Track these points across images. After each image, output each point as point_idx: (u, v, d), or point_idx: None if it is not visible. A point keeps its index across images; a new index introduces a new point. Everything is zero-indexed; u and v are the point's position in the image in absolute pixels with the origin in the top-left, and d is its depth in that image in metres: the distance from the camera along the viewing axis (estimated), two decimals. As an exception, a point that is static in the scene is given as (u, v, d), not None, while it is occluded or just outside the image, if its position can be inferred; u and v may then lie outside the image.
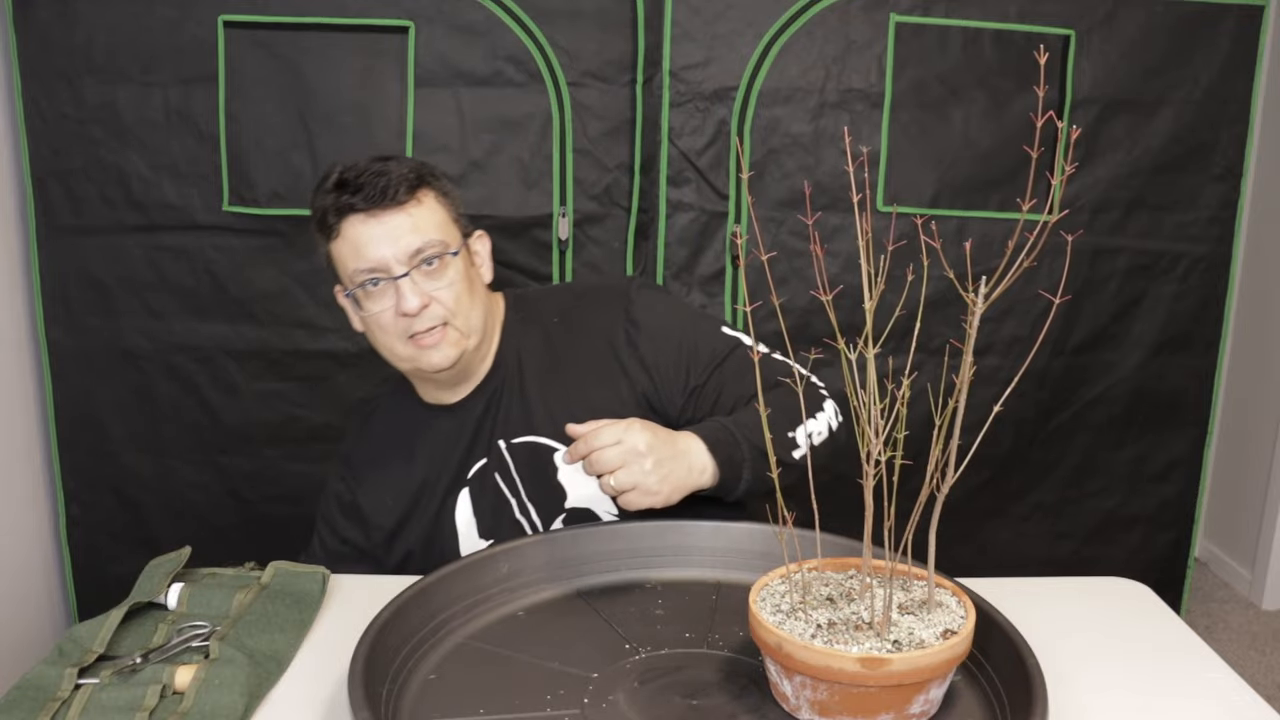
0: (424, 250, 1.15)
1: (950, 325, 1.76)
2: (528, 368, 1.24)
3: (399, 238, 1.14)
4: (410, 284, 1.14)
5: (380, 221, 1.14)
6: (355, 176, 1.14)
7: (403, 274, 1.14)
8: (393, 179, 1.14)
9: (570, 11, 1.75)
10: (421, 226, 1.15)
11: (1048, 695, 0.80)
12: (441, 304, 1.16)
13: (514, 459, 1.22)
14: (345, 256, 1.16)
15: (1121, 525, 2.06)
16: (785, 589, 0.88)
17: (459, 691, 0.88)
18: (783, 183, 1.81)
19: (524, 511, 1.23)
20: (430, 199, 1.17)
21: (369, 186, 1.13)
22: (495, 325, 1.26)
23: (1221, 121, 1.89)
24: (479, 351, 1.23)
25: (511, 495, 1.23)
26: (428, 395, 1.28)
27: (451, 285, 1.17)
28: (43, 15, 1.72)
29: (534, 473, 1.23)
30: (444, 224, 1.18)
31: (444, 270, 1.16)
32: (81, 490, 1.89)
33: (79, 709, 0.89)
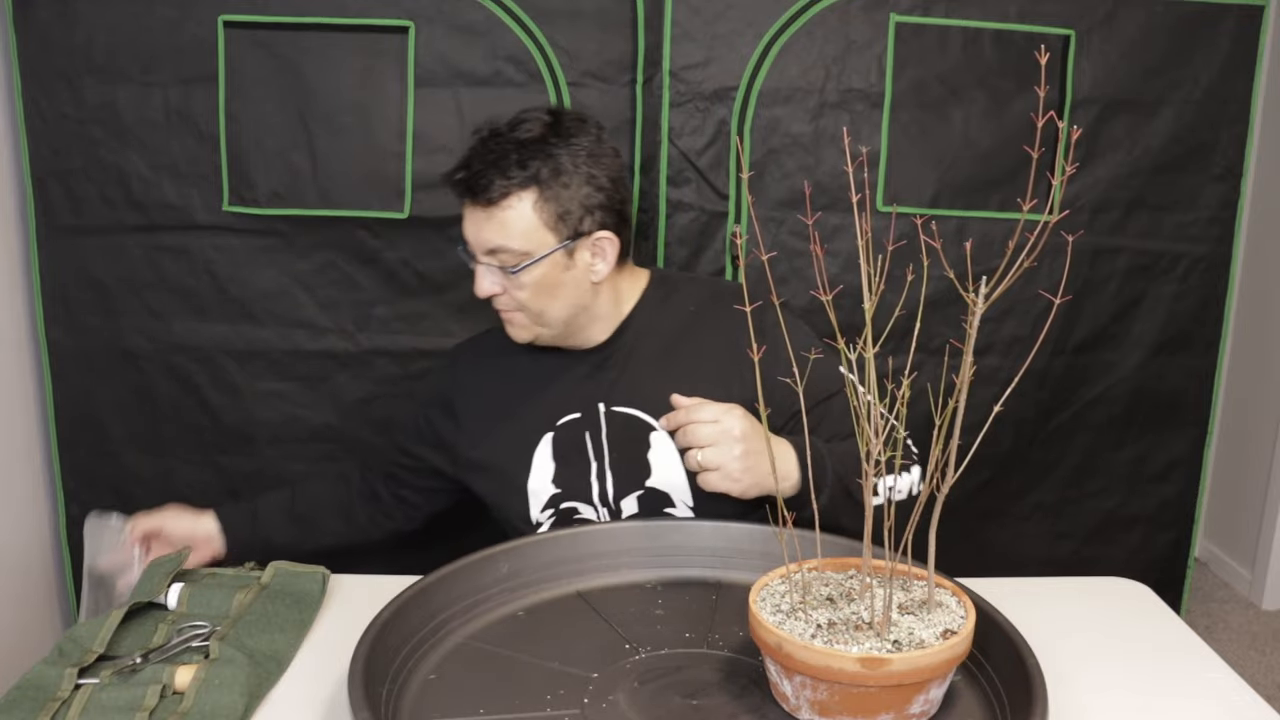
0: (499, 253, 1.18)
1: (950, 325, 1.76)
2: (648, 345, 1.27)
3: (480, 231, 1.19)
4: (483, 271, 1.20)
5: (473, 211, 1.19)
6: (470, 164, 1.18)
7: (481, 262, 1.20)
8: (494, 177, 1.16)
9: (570, 11, 1.75)
10: (506, 230, 1.17)
11: (1048, 695, 0.80)
12: (514, 299, 1.20)
13: (609, 425, 1.24)
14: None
15: (1121, 525, 2.06)
16: (785, 589, 0.88)
17: (459, 691, 0.88)
18: (783, 183, 1.81)
19: (601, 477, 1.25)
20: (528, 204, 1.17)
21: (474, 179, 1.17)
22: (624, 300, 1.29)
23: (1221, 121, 1.89)
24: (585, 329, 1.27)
25: (595, 458, 1.25)
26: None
27: (526, 288, 1.19)
28: (43, 15, 1.72)
29: (625, 444, 1.25)
30: (532, 231, 1.17)
31: (521, 275, 1.19)
32: (81, 490, 1.89)
33: (79, 709, 0.89)
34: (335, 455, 1.88)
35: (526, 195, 1.17)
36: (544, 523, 1.27)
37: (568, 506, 1.27)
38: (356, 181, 1.77)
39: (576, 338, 1.27)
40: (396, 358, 1.84)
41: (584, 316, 1.25)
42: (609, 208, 1.21)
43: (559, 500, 1.27)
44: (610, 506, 1.26)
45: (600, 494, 1.25)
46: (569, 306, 1.22)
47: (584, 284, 1.23)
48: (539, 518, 1.27)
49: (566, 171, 1.18)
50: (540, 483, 1.27)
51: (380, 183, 1.77)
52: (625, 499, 1.25)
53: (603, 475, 1.25)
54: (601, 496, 1.25)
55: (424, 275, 1.81)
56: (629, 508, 1.25)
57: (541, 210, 1.17)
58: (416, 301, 1.82)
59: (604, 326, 1.28)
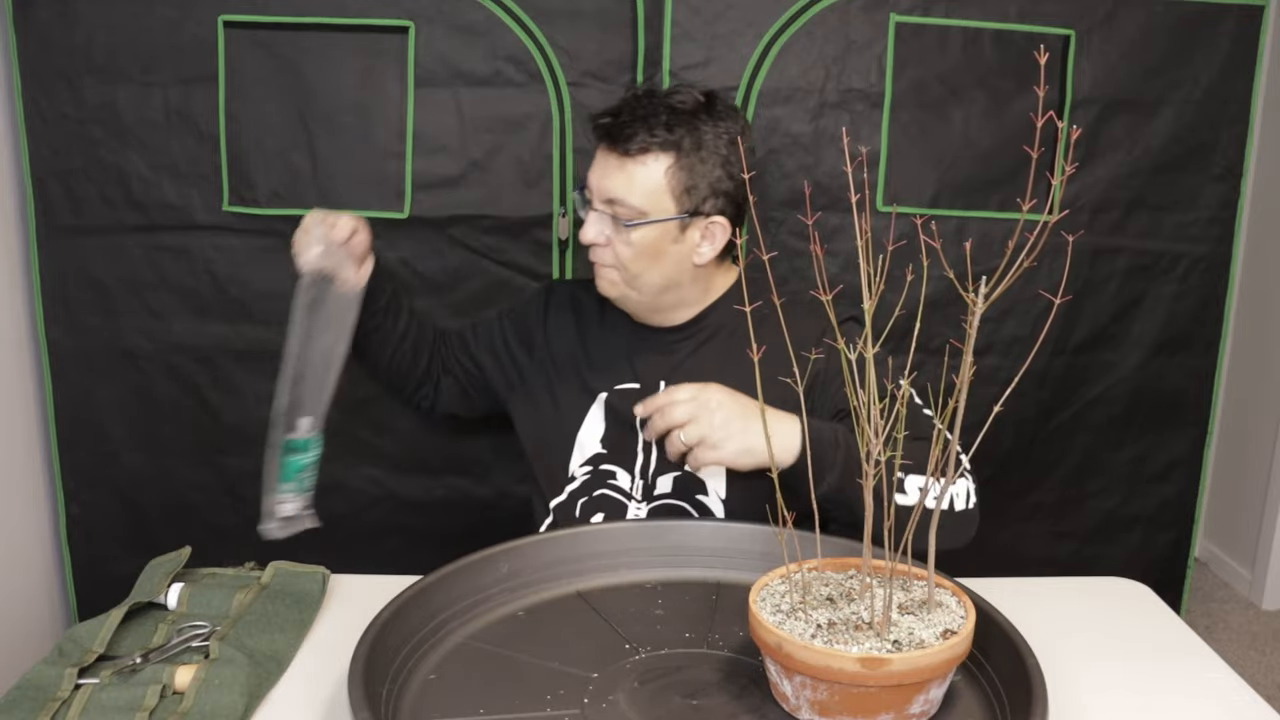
0: (617, 204, 1.21)
1: (950, 325, 1.76)
2: (721, 336, 1.30)
3: (607, 178, 1.21)
4: (594, 219, 1.22)
5: (606, 157, 1.22)
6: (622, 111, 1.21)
7: (596, 208, 1.22)
8: (639, 130, 1.19)
9: (570, 11, 1.75)
10: (633, 184, 1.20)
11: (1048, 695, 0.80)
12: (616, 254, 1.22)
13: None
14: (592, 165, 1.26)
15: (1121, 525, 2.06)
16: (785, 589, 0.88)
17: (459, 691, 0.88)
18: (783, 183, 1.81)
19: (646, 449, 1.28)
20: (661, 165, 1.20)
21: (621, 127, 1.20)
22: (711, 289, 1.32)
23: (1221, 121, 1.89)
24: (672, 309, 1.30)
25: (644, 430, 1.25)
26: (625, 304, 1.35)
27: (631, 245, 1.22)
28: (43, 15, 1.72)
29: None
30: (658, 192, 1.20)
31: (631, 231, 1.21)
32: (81, 490, 1.89)
33: (79, 709, 0.89)
34: (335, 455, 1.88)
35: (663, 157, 1.20)
36: (578, 477, 1.30)
37: (607, 468, 1.29)
38: (356, 181, 1.77)
39: (657, 315, 1.31)
40: (396, 358, 1.84)
41: (673, 295, 1.28)
42: (732, 197, 1.25)
43: (600, 460, 1.30)
44: (647, 480, 1.28)
45: (642, 466, 1.28)
46: (664, 278, 1.25)
47: (685, 262, 1.26)
48: (575, 471, 1.30)
49: (707, 148, 1.21)
50: (589, 436, 1.30)
51: (380, 183, 1.77)
52: (662, 476, 1.28)
53: (648, 448, 1.28)
54: (643, 469, 1.29)
55: (424, 275, 1.81)
56: (663, 486, 1.28)
57: (672, 176, 1.20)
58: (416, 301, 1.82)
59: (686, 312, 1.32)
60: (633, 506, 1.29)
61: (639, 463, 1.29)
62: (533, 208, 1.80)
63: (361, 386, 1.85)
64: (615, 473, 1.29)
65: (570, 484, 1.32)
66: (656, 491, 1.28)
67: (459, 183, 1.78)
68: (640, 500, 1.29)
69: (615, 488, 1.29)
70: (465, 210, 1.79)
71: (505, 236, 1.80)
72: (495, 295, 1.82)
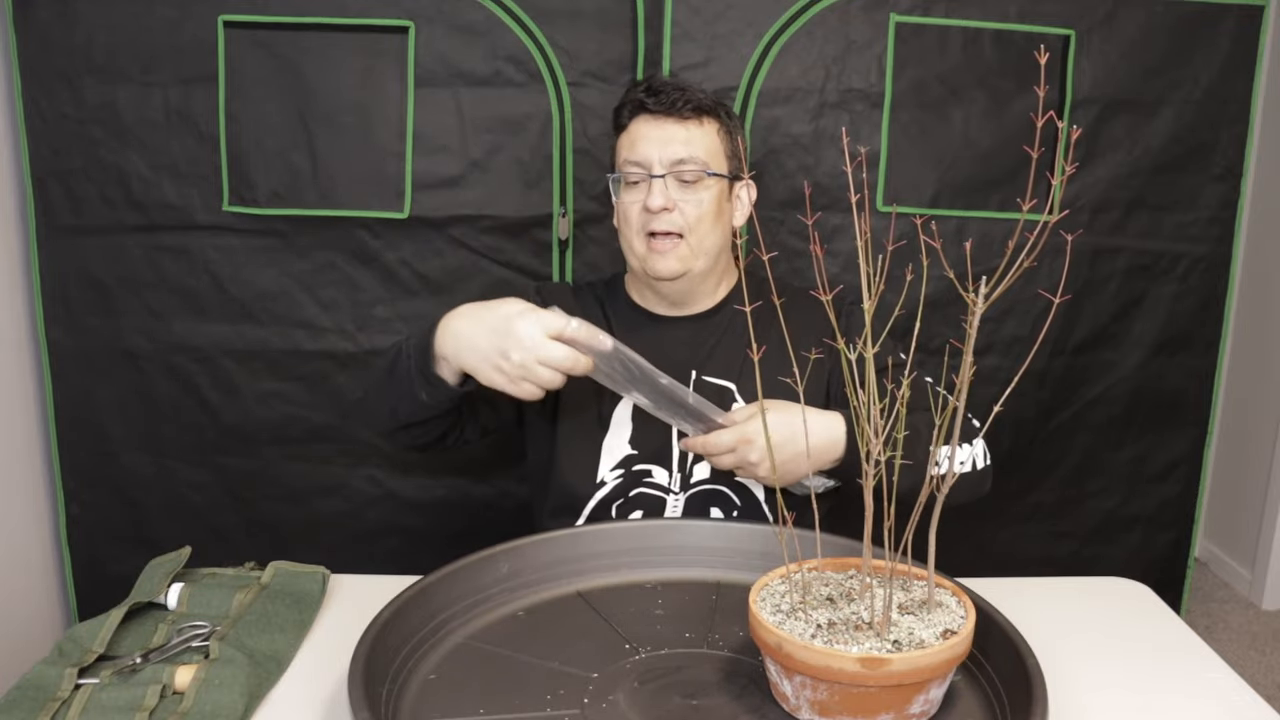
0: (685, 163, 1.26)
1: (950, 325, 1.76)
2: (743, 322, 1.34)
3: (668, 143, 1.27)
4: (661, 185, 1.26)
5: (660, 125, 1.27)
6: (659, 84, 1.29)
7: (660, 175, 1.26)
8: (688, 95, 1.28)
9: (570, 11, 1.75)
10: (692, 143, 1.27)
11: (1048, 695, 0.80)
12: (684, 215, 1.27)
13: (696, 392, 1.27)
14: (623, 147, 1.31)
15: (1121, 525, 2.06)
16: (785, 589, 0.88)
17: (459, 691, 0.88)
18: (783, 183, 1.81)
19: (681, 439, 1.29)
20: (713, 128, 1.30)
21: (664, 94, 1.27)
22: (729, 274, 1.39)
23: (1221, 121, 1.89)
24: (706, 282, 1.34)
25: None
26: (643, 301, 1.38)
27: (700, 204, 1.27)
28: (43, 15, 1.72)
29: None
30: (714, 151, 1.29)
31: (698, 188, 1.27)
32: (81, 490, 1.89)
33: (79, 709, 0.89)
34: (335, 455, 1.88)
35: (711, 121, 1.29)
36: (609, 482, 1.30)
37: (641, 468, 1.30)
38: (356, 181, 1.77)
39: (695, 293, 1.34)
40: (396, 358, 1.84)
41: (718, 265, 1.33)
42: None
43: (633, 462, 1.30)
44: (685, 471, 1.30)
45: (679, 458, 1.30)
46: (719, 242, 1.31)
47: (729, 225, 1.33)
48: (605, 477, 1.30)
49: (735, 122, 1.34)
50: (616, 441, 1.30)
51: (380, 183, 1.77)
52: (699, 463, 1.30)
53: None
54: (680, 461, 1.30)
55: (424, 275, 1.81)
56: (700, 472, 1.30)
57: (722, 138, 1.30)
58: (416, 301, 1.82)
59: (712, 295, 1.36)
60: (671, 500, 1.29)
61: (675, 454, 1.30)
62: (533, 208, 1.80)
63: (361, 387, 1.85)
64: (650, 470, 1.30)
65: (599, 490, 1.31)
66: (694, 480, 1.29)
67: (459, 183, 1.78)
68: (679, 492, 1.30)
69: (652, 484, 1.30)
70: (465, 210, 1.79)
71: (505, 236, 1.80)
72: (495, 295, 1.80)
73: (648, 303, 1.38)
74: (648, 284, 1.35)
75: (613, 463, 1.30)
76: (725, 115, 1.32)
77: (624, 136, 1.31)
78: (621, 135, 1.32)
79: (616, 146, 1.33)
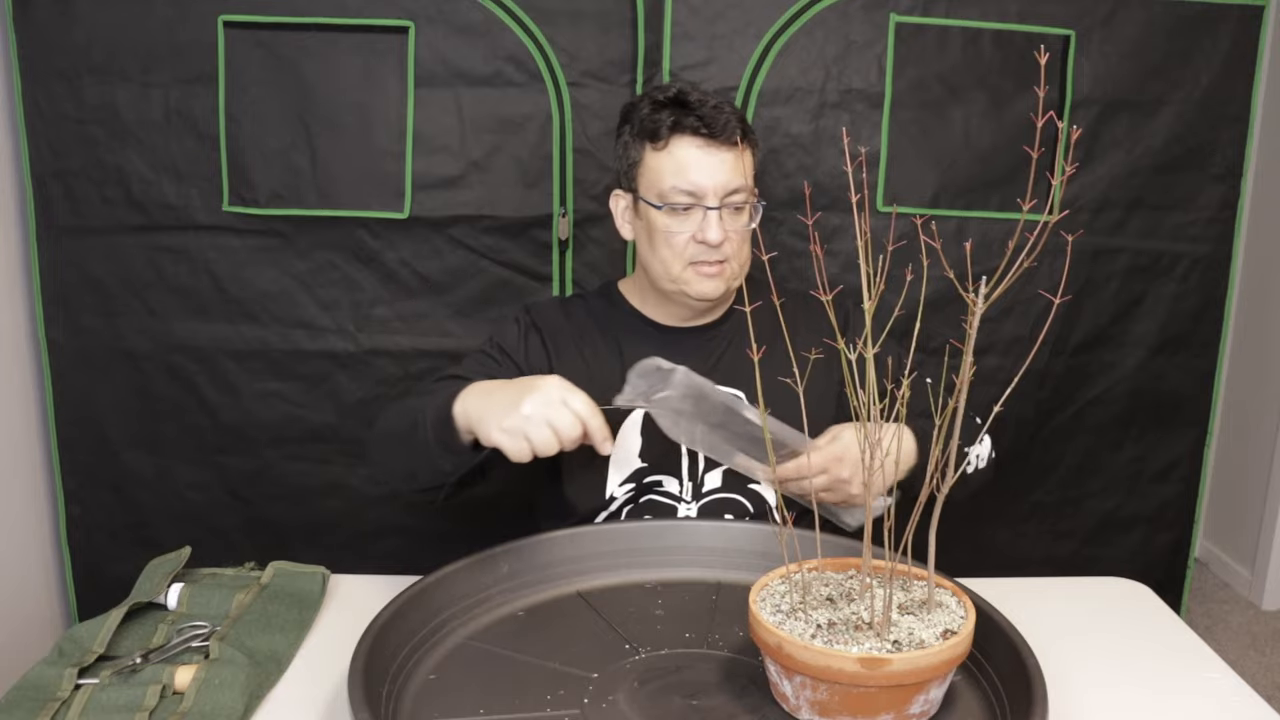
0: (738, 192, 1.24)
1: (950, 325, 1.76)
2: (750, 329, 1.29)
3: (722, 172, 1.22)
4: (718, 219, 1.23)
5: (712, 152, 1.22)
6: (699, 101, 1.23)
7: (716, 206, 1.22)
8: (733, 120, 1.23)
9: (570, 11, 1.75)
10: (742, 170, 1.24)
11: (1048, 695, 0.80)
12: (731, 244, 1.25)
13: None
14: (665, 170, 1.23)
15: (1121, 525, 2.06)
16: (785, 589, 0.88)
17: (459, 691, 0.88)
18: (783, 183, 1.81)
19: (692, 451, 1.28)
20: (749, 150, 1.27)
21: (712, 117, 1.22)
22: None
23: (1221, 121, 1.89)
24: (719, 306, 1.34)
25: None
26: (649, 310, 1.35)
27: (743, 229, 1.27)
28: (43, 15, 1.72)
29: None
30: (751, 173, 1.27)
31: (742, 215, 1.26)
32: (81, 490, 1.89)
33: (79, 709, 0.89)
34: (335, 455, 1.88)
35: (747, 144, 1.27)
36: (618, 497, 1.28)
37: (652, 480, 1.28)
38: (356, 181, 1.77)
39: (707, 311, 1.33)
40: (396, 358, 1.84)
41: None
42: None
43: (644, 474, 1.28)
44: (696, 480, 1.28)
45: (690, 468, 1.28)
46: (748, 257, 1.30)
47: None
48: (615, 492, 1.28)
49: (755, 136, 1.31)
50: (625, 454, 1.28)
51: (380, 183, 1.77)
52: (710, 472, 1.28)
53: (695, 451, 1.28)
54: (691, 470, 1.28)
55: (424, 275, 1.81)
56: (712, 481, 1.28)
57: (754, 157, 1.28)
58: (416, 302, 1.83)
59: (719, 308, 1.35)
60: (682, 509, 1.28)
61: (685, 465, 1.28)
62: (532, 208, 1.80)
63: (362, 387, 1.86)
64: (661, 481, 1.28)
65: (609, 506, 1.29)
66: (706, 489, 1.28)
67: (459, 183, 1.78)
68: (690, 501, 1.28)
69: (663, 493, 1.28)
70: (465, 210, 1.79)
71: (505, 236, 1.80)
72: (495, 295, 1.82)
73: (653, 312, 1.35)
74: (668, 300, 1.31)
75: (621, 477, 1.28)
76: (752, 131, 1.29)
77: (664, 156, 1.23)
78: (658, 152, 1.23)
79: (647, 163, 1.25)
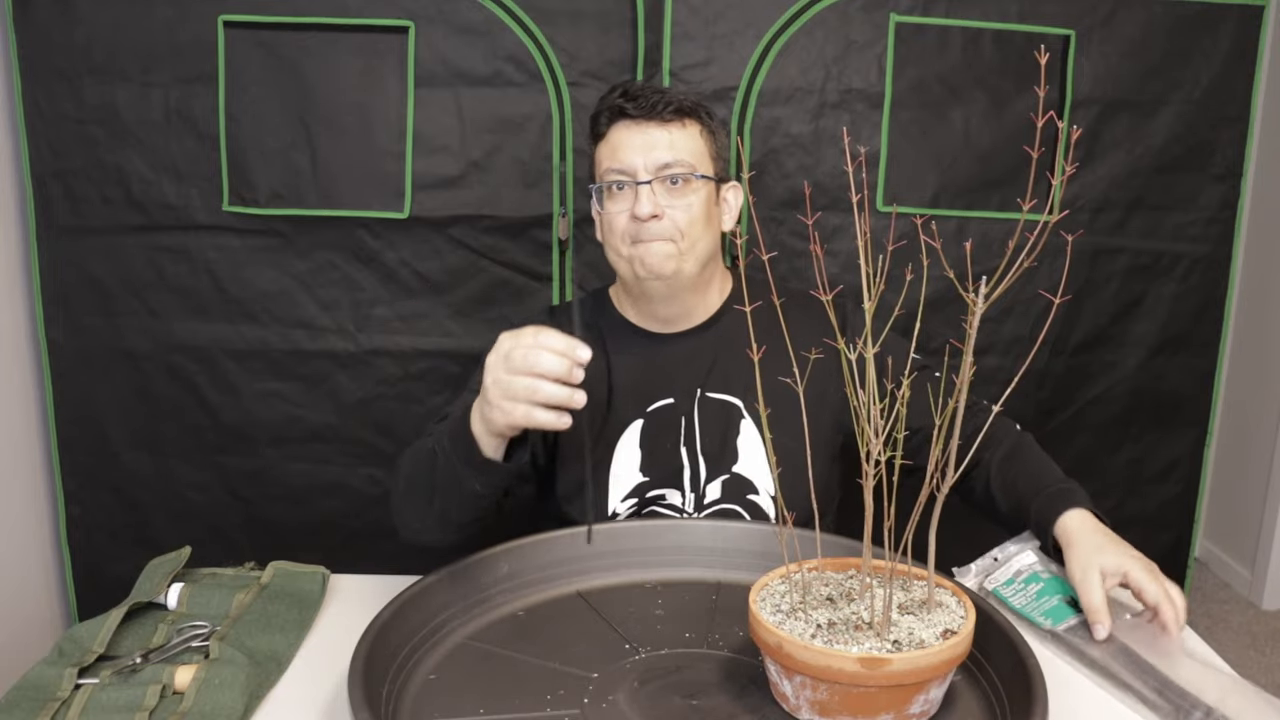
0: (671, 166, 1.22)
1: (950, 325, 1.76)
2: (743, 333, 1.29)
3: (652, 148, 1.22)
4: (649, 191, 1.21)
5: (642, 131, 1.23)
6: (636, 89, 1.24)
7: (645, 180, 1.21)
8: (668, 98, 1.23)
9: (570, 11, 1.75)
10: (677, 146, 1.23)
11: (1048, 695, 0.80)
12: (674, 222, 1.22)
13: (701, 410, 1.25)
14: (603, 156, 1.26)
15: (1121, 525, 2.05)
16: (785, 589, 0.88)
17: (459, 691, 0.88)
18: (783, 183, 1.81)
19: (692, 461, 1.26)
20: (695, 129, 1.26)
21: (644, 99, 1.23)
22: (720, 279, 1.34)
23: (1221, 121, 1.89)
24: (697, 292, 1.29)
25: (686, 443, 1.26)
26: (636, 316, 1.33)
27: (689, 208, 1.23)
28: (43, 15, 1.72)
29: (718, 430, 1.26)
30: (699, 153, 1.25)
31: (686, 192, 1.23)
32: (81, 490, 1.89)
33: (79, 709, 0.89)
34: (335, 455, 1.88)
35: (693, 123, 1.26)
36: (621, 513, 1.26)
37: (655, 494, 1.26)
38: (356, 181, 1.77)
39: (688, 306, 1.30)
40: (396, 358, 1.84)
41: (707, 272, 1.29)
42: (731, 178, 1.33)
43: (645, 489, 1.26)
44: (698, 491, 1.27)
45: (691, 478, 1.27)
46: (709, 247, 1.27)
47: (718, 230, 1.29)
48: (617, 508, 1.26)
49: (718, 123, 1.30)
50: (625, 469, 1.26)
51: (380, 183, 1.77)
52: (711, 483, 1.27)
53: (694, 460, 1.26)
54: (692, 481, 1.27)
55: (424, 275, 1.81)
56: (713, 493, 1.27)
57: (706, 140, 1.27)
58: (416, 301, 1.83)
59: (706, 305, 1.32)
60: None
61: (687, 475, 1.26)
62: (532, 208, 1.80)
63: (362, 387, 1.86)
64: (664, 495, 1.26)
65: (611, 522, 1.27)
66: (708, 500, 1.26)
67: (459, 183, 1.78)
68: (693, 513, 1.26)
69: (666, 505, 1.26)
70: (465, 210, 1.79)
71: (505, 236, 1.80)
72: (495, 295, 1.82)
73: (641, 319, 1.32)
74: (641, 295, 1.28)
75: (624, 492, 1.26)
76: (707, 115, 1.27)
77: (603, 145, 1.26)
78: (600, 144, 1.26)
79: (596, 157, 1.28)
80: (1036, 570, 1.13)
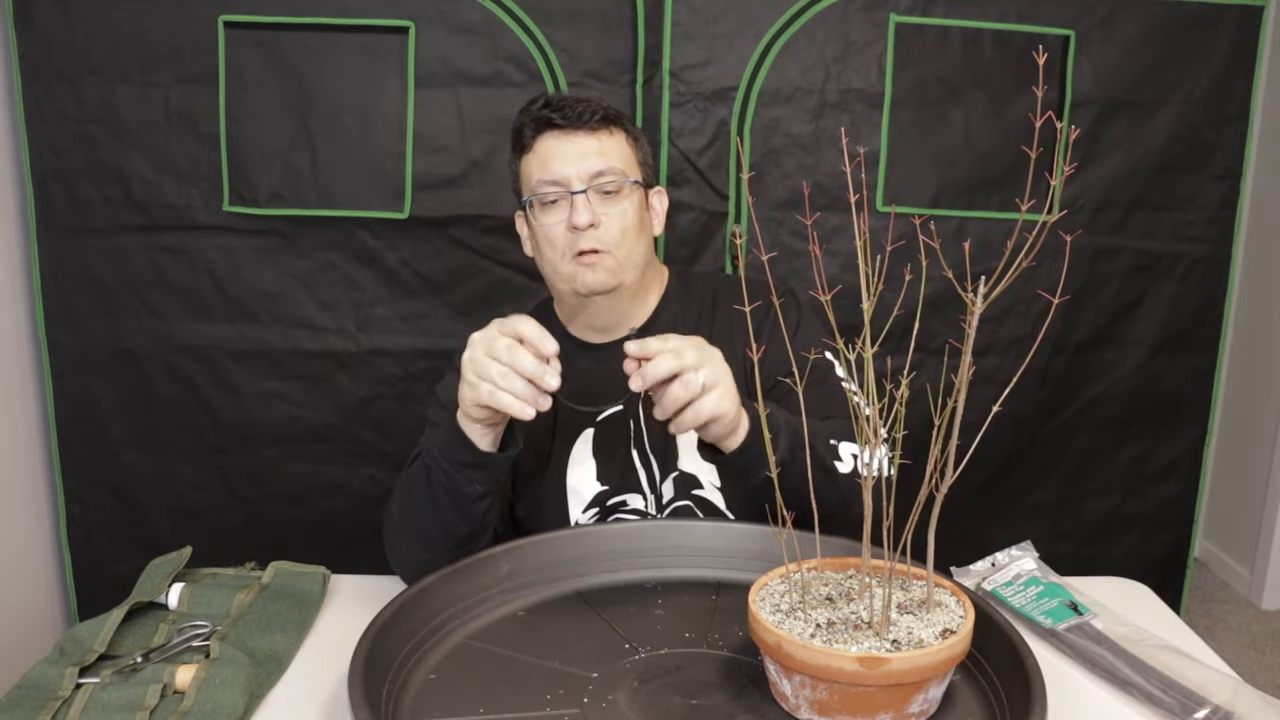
0: (605, 174, 1.22)
1: (950, 325, 1.76)
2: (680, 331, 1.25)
3: (584, 157, 1.22)
4: (584, 200, 1.21)
5: (571, 140, 1.22)
6: (558, 100, 1.23)
7: (580, 190, 1.20)
8: (593, 107, 1.23)
9: (570, 11, 1.75)
10: (608, 153, 1.23)
11: (1047, 695, 0.80)
12: (609, 230, 1.22)
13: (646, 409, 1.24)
14: (532, 169, 1.24)
15: (1121, 525, 2.06)
16: (785, 589, 0.88)
17: (459, 691, 0.88)
18: (783, 183, 1.81)
19: (645, 463, 1.26)
20: (621, 137, 1.26)
21: (569, 108, 1.22)
22: (657, 282, 1.33)
23: (1221, 121, 1.89)
24: (636, 298, 1.29)
25: (636, 445, 1.27)
26: (576, 329, 1.32)
27: (623, 215, 1.23)
28: (43, 15, 1.72)
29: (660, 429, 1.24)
30: (628, 159, 1.25)
31: (619, 200, 1.23)
32: (81, 490, 1.89)
33: (80, 708, 0.89)
34: (335, 455, 1.88)
35: (619, 130, 1.26)
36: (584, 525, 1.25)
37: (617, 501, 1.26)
38: (356, 181, 1.77)
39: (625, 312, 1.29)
40: (396, 358, 1.84)
41: (643, 279, 1.28)
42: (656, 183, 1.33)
43: (606, 497, 1.26)
44: (656, 492, 1.27)
45: (648, 479, 1.27)
46: (644, 254, 1.26)
47: (650, 235, 1.29)
48: (579, 518, 1.26)
49: (639, 130, 1.30)
50: (582, 481, 1.26)
51: (380, 183, 1.77)
52: (665, 482, 1.27)
53: (646, 461, 1.26)
54: (649, 482, 1.26)
55: (424, 275, 1.81)
56: (668, 491, 1.27)
57: (632, 146, 1.27)
58: (416, 302, 1.83)
59: (643, 308, 1.31)
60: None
61: (643, 477, 1.26)
62: (533, 208, 1.80)
63: (362, 387, 1.86)
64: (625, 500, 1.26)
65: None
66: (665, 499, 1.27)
67: (459, 183, 1.78)
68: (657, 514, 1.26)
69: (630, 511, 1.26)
70: (465, 210, 1.79)
71: (505, 236, 1.80)
72: (495, 295, 1.82)
73: (580, 331, 1.31)
74: (580, 307, 1.28)
75: (583, 504, 1.26)
76: (628, 123, 1.28)
77: (530, 158, 1.24)
78: (526, 157, 1.24)
79: (521, 171, 1.26)
80: (1035, 575, 1.13)
